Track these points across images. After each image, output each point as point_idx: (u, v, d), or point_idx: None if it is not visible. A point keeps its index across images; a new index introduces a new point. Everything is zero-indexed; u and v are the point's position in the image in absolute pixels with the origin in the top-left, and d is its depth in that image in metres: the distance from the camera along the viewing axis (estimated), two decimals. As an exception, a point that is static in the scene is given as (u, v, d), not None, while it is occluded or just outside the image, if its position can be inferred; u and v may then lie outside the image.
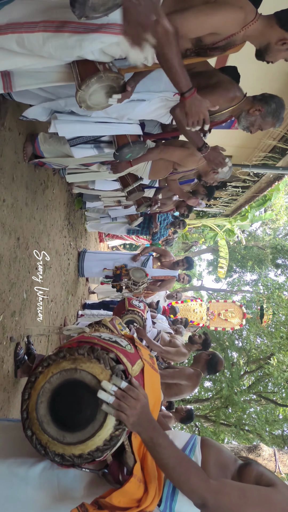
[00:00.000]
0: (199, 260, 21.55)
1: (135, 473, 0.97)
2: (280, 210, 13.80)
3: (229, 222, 8.21)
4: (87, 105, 1.65)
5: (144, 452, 1.05)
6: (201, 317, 9.38)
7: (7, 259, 2.52)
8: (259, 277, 17.61)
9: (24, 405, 0.96)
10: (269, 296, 12.24)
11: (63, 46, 1.41)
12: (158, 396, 1.19)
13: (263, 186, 6.09)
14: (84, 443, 0.90)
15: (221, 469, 1.08)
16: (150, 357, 1.22)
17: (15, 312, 2.65)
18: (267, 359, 12.49)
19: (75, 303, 4.86)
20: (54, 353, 0.99)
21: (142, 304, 3.31)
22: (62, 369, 0.94)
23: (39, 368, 0.97)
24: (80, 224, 5.17)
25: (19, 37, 1.39)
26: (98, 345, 1.00)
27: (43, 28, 1.38)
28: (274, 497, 0.95)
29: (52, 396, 0.94)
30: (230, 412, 12.17)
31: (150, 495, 0.97)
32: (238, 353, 14.14)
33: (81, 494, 1.02)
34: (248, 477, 1.04)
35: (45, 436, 0.92)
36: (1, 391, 2.41)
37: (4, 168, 2.46)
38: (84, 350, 0.96)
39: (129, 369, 0.99)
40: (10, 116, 2.47)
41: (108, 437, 0.91)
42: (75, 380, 0.94)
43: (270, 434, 11.81)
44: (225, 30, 1.53)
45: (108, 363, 0.95)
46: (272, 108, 1.98)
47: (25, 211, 2.84)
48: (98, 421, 0.91)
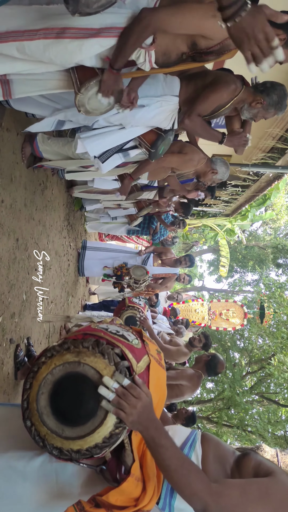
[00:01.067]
0: (200, 260, 21.54)
1: (133, 472, 0.96)
2: (280, 209, 13.79)
3: (229, 222, 8.20)
4: (86, 110, 1.67)
5: (144, 450, 1.03)
6: (202, 317, 9.38)
7: (6, 260, 2.50)
8: (260, 277, 17.59)
9: (25, 395, 0.94)
10: (271, 295, 12.21)
11: (63, 51, 1.45)
12: (163, 393, 1.17)
13: (263, 185, 6.09)
14: (83, 439, 0.89)
15: (220, 463, 1.08)
16: (157, 353, 1.19)
17: (15, 314, 2.64)
18: (268, 360, 12.47)
19: (75, 304, 4.85)
20: (59, 343, 0.96)
21: (142, 302, 3.32)
22: (65, 361, 0.93)
23: (42, 358, 0.95)
24: (80, 224, 5.16)
25: (19, 45, 1.43)
26: (104, 338, 0.97)
27: (43, 36, 1.42)
28: (273, 487, 0.93)
29: (53, 388, 0.92)
30: (233, 413, 12.14)
31: (148, 494, 0.96)
32: (240, 354, 14.12)
33: (78, 491, 1.01)
34: (246, 467, 1.02)
35: (44, 428, 0.91)
36: (0, 393, 2.40)
37: (2, 168, 2.45)
38: (89, 344, 0.94)
39: (134, 366, 0.97)
40: (8, 117, 2.46)
41: (108, 435, 0.89)
42: (77, 373, 0.92)
43: (272, 435, 11.78)
44: (216, 32, 1.52)
45: (113, 358, 0.93)
46: (273, 100, 1.98)
47: (24, 212, 2.83)
48: (98, 417, 0.89)
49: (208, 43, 1.56)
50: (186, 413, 3.65)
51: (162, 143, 2.27)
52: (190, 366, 3.82)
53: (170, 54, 1.60)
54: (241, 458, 1.07)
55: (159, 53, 1.57)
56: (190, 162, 2.75)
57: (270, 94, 1.97)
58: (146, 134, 2.25)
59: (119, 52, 1.47)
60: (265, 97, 1.96)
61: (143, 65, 1.57)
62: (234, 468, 1.06)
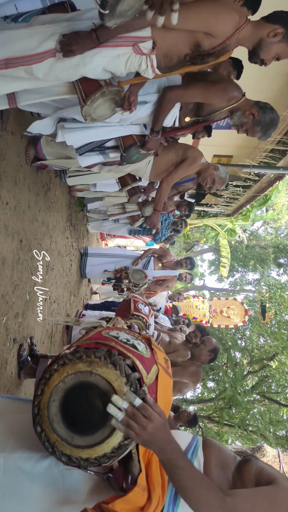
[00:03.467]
0: (201, 260, 21.55)
1: (139, 482, 0.96)
2: (281, 209, 13.79)
3: (230, 222, 8.22)
4: (92, 118, 1.73)
5: (149, 458, 1.04)
6: (203, 313, 9.41)
7: (10, 261, 2.53)
8: (261, 277, 17.59)
9: (36, 401, 0.95)
10: (272, 295, 12.22)
11: (68, 66, 1.48)
12: (169, 401, 1.18)
13: (264, 185, 6.10)
14: (92, 448, 0.90)
15: (222, 469, 1.08)
16: (165, 361, 1.20)
17: (18, 314, 2.67)
18: (270, 360, 12.48)
19: (77, 303, 4.88)
20: (71, 352, 0.97)
21: (147, 308, 3.28)
22: (77, 371, 0.94)
23: (55, 365, 0.96)
24: (82, 225, 5.19)
25: (28, 68, 1.47)
26: (116, 348, 0.98)
27: (50, 55, 1.45)
28: (279, 495, 0.95)
29: (65, 396, 0.93)
30: (234, 412, 12.14)
31: (153, 503, 0.96)
32: (241, 353, 14.12)
33: (83, 498, 1.02)
34: (248, 474, 1.03)
35: (54, 435, 0.92)
36: (5, 393, 2.43)
37: (7, 171, 2.48)
38: (101, 354, 0.95)
39: (144, 377, 0.98)
40: (13, 120, 2.49)
41: (117, 445, 0.90)
42: (89, 383, 0.92)
43: (274, 435, 11.78)
44: (220, 31, 1.56)
45: (124, 370, 0.93)
46: (265, 120, 2.02)
47: (28, 213, 2.86)
48: (108, 427, 0.90)
49: (212, 42, 1.58)
50: (188, 416, 3.68)
51: (136, 151, 2.34)
52: None
53: (172, 57, 1.62)
54: (242, 464, 1.08)
55: (160, 56, 1.59)
56: (195, 165, 2.79)
57: (266, 113, 2.01)
58: (126, 138, 2.31)
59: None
60: (260, 112, 2.00)
61: (146, 72, 1.59)
62: (235, 474, 1.06)
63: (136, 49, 1.50)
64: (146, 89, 1.96)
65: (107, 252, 5.14)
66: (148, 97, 2.01)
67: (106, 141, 2.35)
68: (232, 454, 1.15)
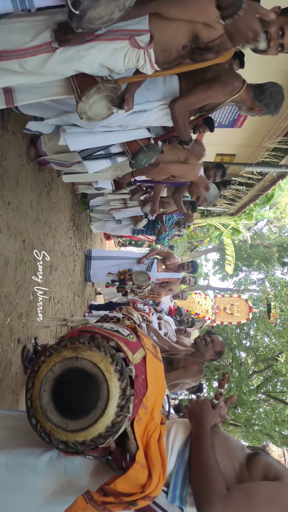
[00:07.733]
0: (205, 260, 21.51)
1: (138, 459, 0.99)
2: (285, 208, 13.73)
3: (234, 221, 8.19)
4: (88, 117, 1.71)
5: (148, 440, 1.07)
6: (206, 310, 9.38)
7: (13, 262, 2.54)
8: (265, 276, 17.53)
9: (28, 394, 0.98)
10: (277, 294, 12.17)
11: (62, 60, 1.47)
12: (162, 386, 1.21)
13: (267, 184, 6.07)
14: (87, 430, 0.92)
15: (228, 456, 1.10)
16: (153, 347, 1.24)
17: (22, 314, 2.67)
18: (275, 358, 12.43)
19: (81, 304, 4.89)
20: (56, 342, 1.01)
21: (147, 307, 3.31)
22: (63, 358, 0.96)
23: (42, 357, 0.99)
24: (85, 225, 5.20)
25: (22, 61, 1.46)
26: (99, 334, 1.02)
27: (45, 50, 1.44)
28: (281, 492, 0.96)
29: (54, 385, 0.96)
30: (239, 412, 12.12)
31: (154, 480, 0.99)
32: (246, 353, 14.08)
33: (86, 483, 1.05)
34: (256, 467, 1.05)
35: (49, 424, 0.94)
36: (9, 393, 2.43)
37: (9, 171, 2.49)
38: (85, 339, 0.98)
39: (130, 357, 1.01)
40: (14, 120, 2.49)
41: (110, 424, 0.93)
42: (76, 368, 0.96)
43: (279, 434, 11.74)
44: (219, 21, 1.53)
45: (108, 351, 0.97)
46: (270, 110, 2.01)
47: (30, 213, 2.86)
48: (99, 408, 0.93)
49: (211, 34, 1.56)
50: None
51: (144, 156, 2.34)
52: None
53: (171, 50, 1.60)
54: (251, 456, 1.09)
55: (158, 50, 1.56)
56: (192, 173, 2.83)
57: (267, 106, 1.98)
58: (131, 143, 2.30)
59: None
60: (263, 107, 1.98)
61: (144, 68, 1.57)
62: (243, 465, 1.08)
63: (133, 43, 1.48)
64: (145, 97, 1.96)
65: (110, 255, 5.17)
66: (148, 105, 2.00)
67: (109, 146, 2.35)
68: (240, 444, 1.18)
